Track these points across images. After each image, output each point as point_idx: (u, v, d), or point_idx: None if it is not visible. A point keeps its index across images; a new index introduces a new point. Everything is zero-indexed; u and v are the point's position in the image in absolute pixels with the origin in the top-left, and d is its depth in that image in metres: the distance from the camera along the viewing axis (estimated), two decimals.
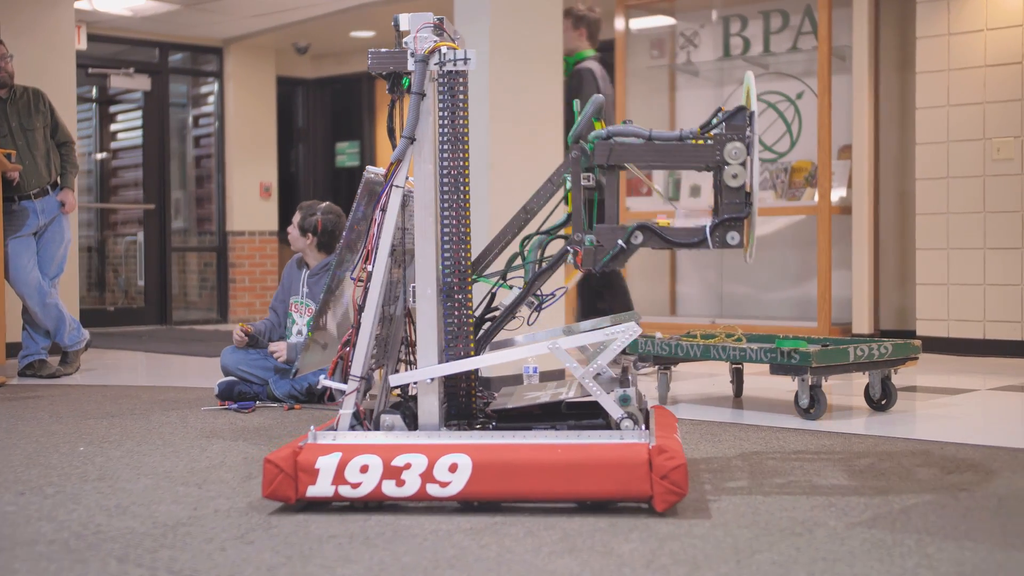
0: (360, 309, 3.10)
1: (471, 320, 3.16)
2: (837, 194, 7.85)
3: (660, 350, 5.00)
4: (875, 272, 7.98)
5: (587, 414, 3.23)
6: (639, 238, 3.14)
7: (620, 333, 3.09)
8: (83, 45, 9.83)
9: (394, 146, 3.14)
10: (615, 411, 3.00)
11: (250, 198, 11.12)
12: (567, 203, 3.29)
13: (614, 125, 3.21)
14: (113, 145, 11.19)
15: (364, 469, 2.88)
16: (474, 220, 4.86)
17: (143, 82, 10.64)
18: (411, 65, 3.09)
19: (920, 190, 7.45)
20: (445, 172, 3.12)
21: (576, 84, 6.36)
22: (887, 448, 3.82)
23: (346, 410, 3.06)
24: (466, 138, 3.13)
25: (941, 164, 7.34)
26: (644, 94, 9.03)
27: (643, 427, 2.99)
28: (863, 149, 7.70)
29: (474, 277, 3.24)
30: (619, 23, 8.66)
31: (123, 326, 10.53)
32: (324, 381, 3.12)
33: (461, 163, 3.12)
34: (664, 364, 5.07)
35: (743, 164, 3.05)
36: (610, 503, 2.89)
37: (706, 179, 8.43)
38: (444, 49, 3.10)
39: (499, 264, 3.37)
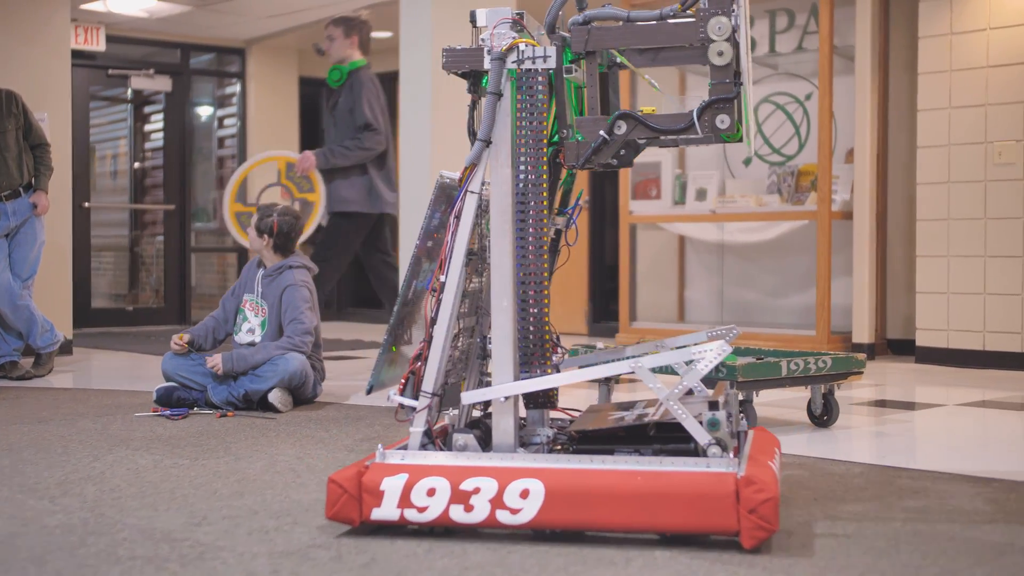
0: (432, 322, 2.97)
1: (547, 336, 3.00)
2: (841, 199, 7.62)
3: (592, 362, 4.85)
4: (880, 280, 7.75)
5: (677, 437, 2.96)
6: (622, 128, 2.93)
7: (708, 352, 2.89)
8: (102, 46, 9.94)
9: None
10: (702, 436, 2.76)
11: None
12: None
13: (595, 9, 3.00)
14: (147, 146, 11.29)
15: (431, 492, 2.73)
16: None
17: (164, 83, 10.71)
18: (488, 63, 2.96)
19: (921, 195, 7.20)
20: (522, 177, 2.97)
21: (357, 91, 6.15)
22: (793, 473, 3.66)
23: (416, 428, 2.92)
24: (544, 140, 2.97)
25: (943, 168, 7.09)
26: (653, 96, 8.86)
27: (732, 454, 2.74)
28: (865, 152, 7.47)
29: None
30: None
31: (142, 326, 10.62)
32: (394, 397, 2.98)
33: (540, 167, 2.96)
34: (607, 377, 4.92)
35: (728, 40, 2.82)
36: (696, 537, 2.68)
37: (712, 181, 8.25)
38: (522, 46, 2.95)
39: None
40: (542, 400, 3.11)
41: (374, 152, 6.18)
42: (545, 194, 2.98)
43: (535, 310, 2.98)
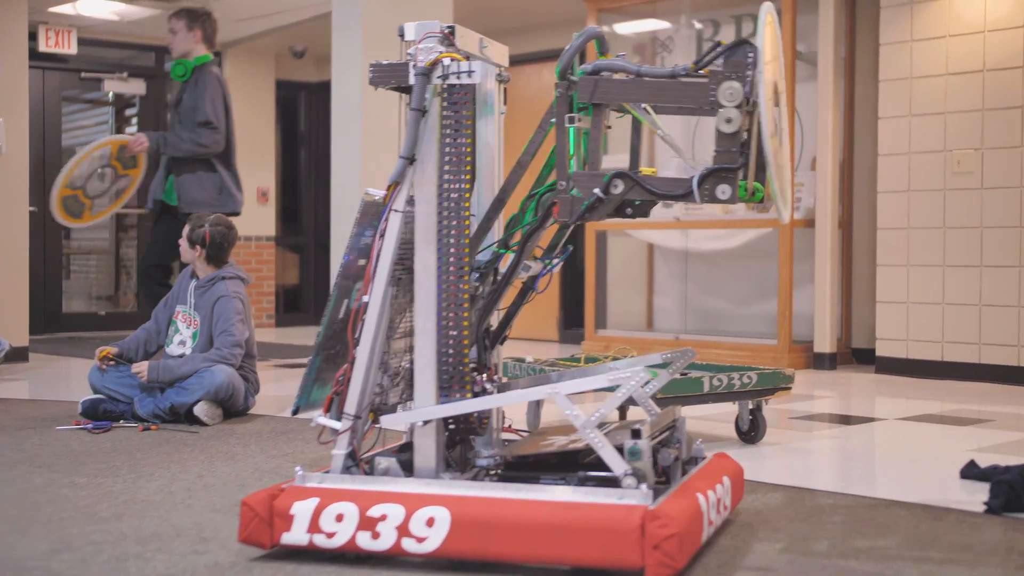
0: (356, 343, 2.92)
1: (467, 361, 2.90)
2: (806, 206, 7.54)
3: (527, 375, 4.79)
4: (846, 289, 7.67)
5: (606, 465, 2.82)
6: (619, 187, 2.79)
7: (626, 379, 2.81)
8: (73, 49, 9.90)
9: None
10: (617, 466, 2.66)
11: (247, 203, 11.05)
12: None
13: (605, 60, 2.91)
14: None
15: (339, 518, 2.69)
16: None
17: (138, 86, 10.67)
18: (412, 78, 2.90)
19: (881, 204, 7.12)
20: (445, 196, 2.89)
21: (201, 88, 5.98)
22: None
23: (338, 451, 2.87)
24: (469, 158, 2.89)
25: (903, 176, 7.01)
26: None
27: (646, 486, 2.61)
28: (827, 160, 7.38)
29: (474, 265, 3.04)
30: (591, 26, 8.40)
31: (115, 331, 10.59)
32: (318, 419, 2.93)
33: (463, 186, 2.88)
34: None
35: (739, 107, 2.68)
36: (605, 571, 2.58)
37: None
38: (447, 61, 2.88)
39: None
40: (463, 425, 3.04)
41: (208, 150, 5.97)
42: (467, 213, 2.90)
43: (455, 333, 2.89)
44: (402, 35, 2.97)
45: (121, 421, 4.93)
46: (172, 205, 6.17)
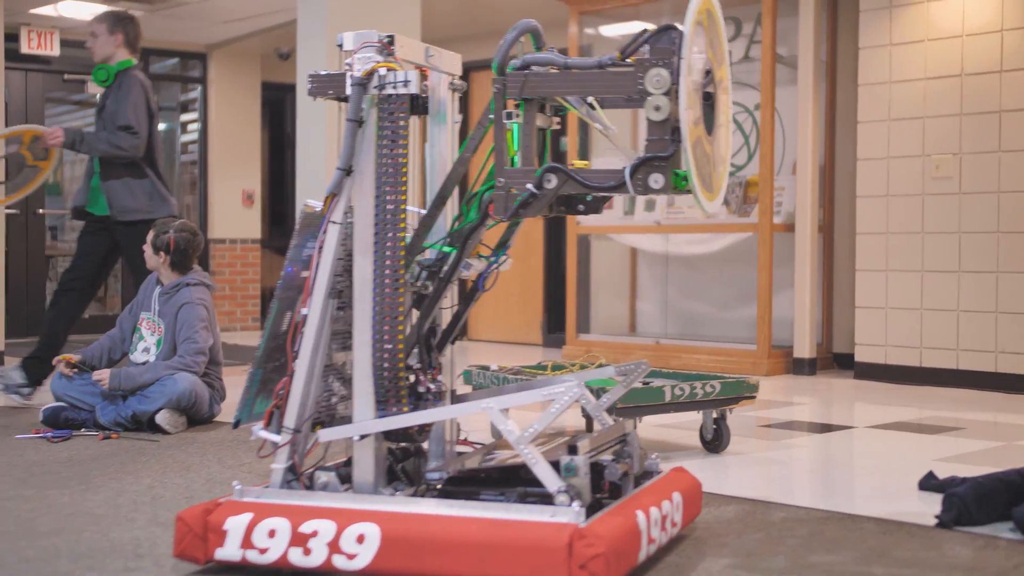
0: (295, 356, 2.89)
1: (403, 375, 2.87)
2: (787, 211, 7.49)
3: (491, 383, 4.75)
4: (827, 293, 7.62)
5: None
6: (552, 181, 2.75)
7: (560, 394, 2.76)
8: (56, 51, 9.86)
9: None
10: (551, 483, 2.61)
11: (232, 205, 11.05)
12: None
13: (534, 54, 2.87)
14: None
15: (272, 534, 2.67)
16: None
17: None
18: (349, 89, 2.87)
19: (861, 208, 7.07)
20: (381, 208, 2.86)
21: (124, 92, 5.85)
22: None
23: (277, 465, 2.85)
24: (405, 169, 2.85)
25: (882, 181, 6.96)
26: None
27: (579, 504, 2.56)
28: (807, 164, 7.33)
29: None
30: (572, 29, 8.35)
31: (96, 333, 10.54)
32: (258, 432, 2.90)
33: (399, 197, 2.85)
34: None
35: (667, 94, 2.63)
36: None
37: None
38: (383, 71, 2.85)
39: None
40: (403, 439, 3.00)
41: (125, 154, 5.84)
42: (403, 225, 2.87)
43: (390, 346, 2.85)
44: (340, 45, 2.95)
45: (82, 429, 4.89)
46: (99, 215, 5.97)
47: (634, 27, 8.52)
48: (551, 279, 9.53)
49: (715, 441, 4.48)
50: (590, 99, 3.01)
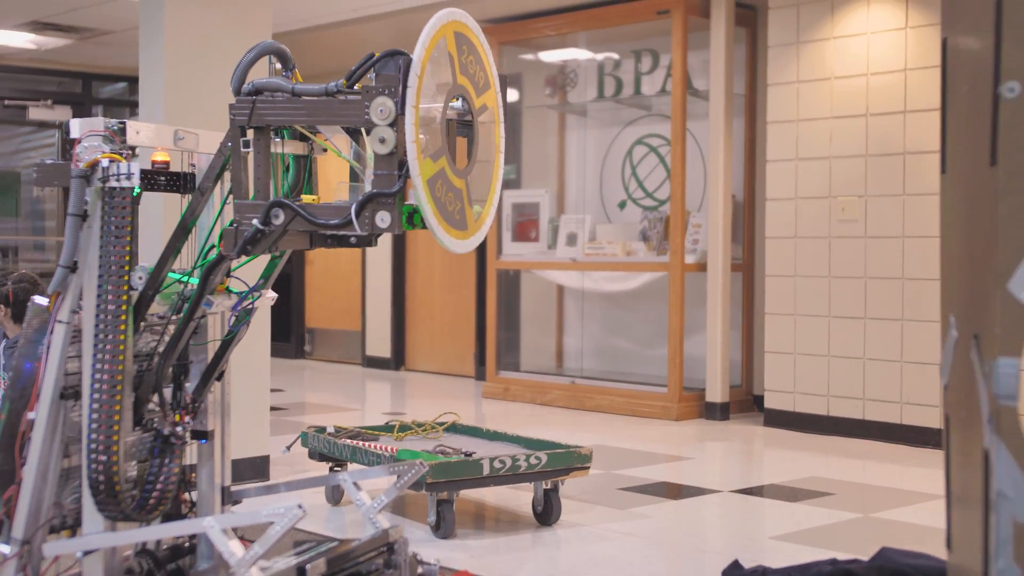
0: (23, 462, 2.73)
1: (119, 488, 2.66)
2: (702, 249, 7.29)
3: (324, 448, 4.57)
4: (746, 334, 7.41)
5: None
6: (279, 217, 2.54)
7: (280, 516, 2.59)
8: None
9: None
10: None
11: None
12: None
13: (265, 78, 2.66)
14: None
15: None
16: None
17: (64, 113, 10.52)
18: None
19: (770, 250, 6.86)
20: (102, 308, 2.65)
21: None
22: None
23: None
24: (127, 268, 2.66)
25: (790, 222, 6.74)
26: (531, 132, 8.60)
27: None
28: (718, 202, 7.13)
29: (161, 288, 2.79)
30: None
31: None
32: None
33: (120, 297, 2.65)
34: (335, 463, 4.61)
35: (393, 124, 2.44)
36: None
37: (583, 225, 7.94)
38: (105, 162, 2.66)
39: None
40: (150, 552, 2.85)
41: None
42: (123, 327, 2.66)
43: (104, 458, 2.62)
44: (67, 132, 2.78)
45: None
46: None
47: (553, 56, 8.34)
48: (483, 311, 9.35)
49: (545, 513, 4.29)
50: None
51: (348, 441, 4.49)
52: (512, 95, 8.63)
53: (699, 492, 4.95)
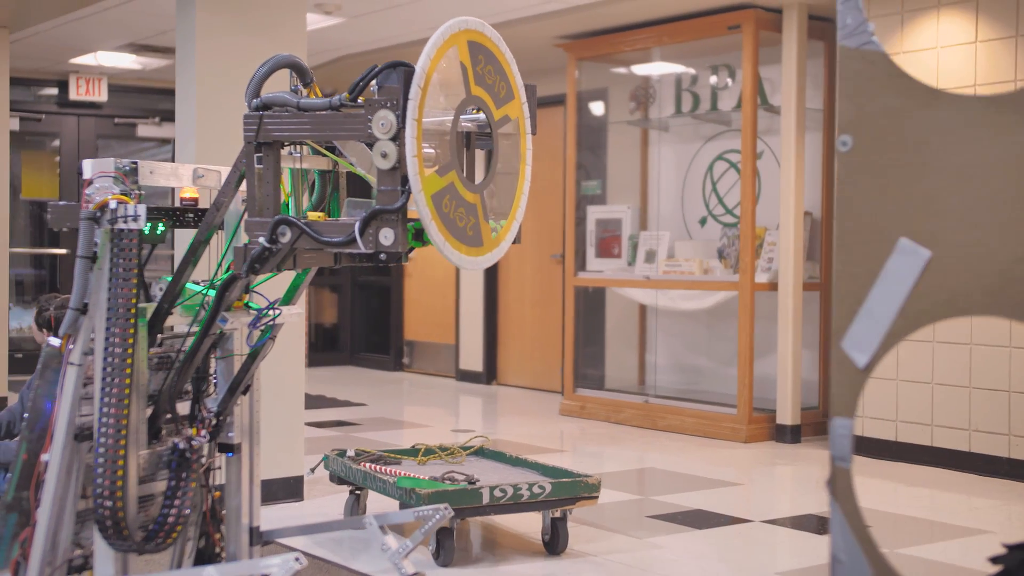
0: (37, 503, 2.79)
1: (127, 533, 2.70)
2: (776, 268, 7.13)
3: (343, 471, 4.63)
4: (825, 355, 7.23)
5: None
6: (287, 235, 2.55)
7: (275, 567, 2.65)
8: (103, 96, 10.17)
9: None
10: None
11: None
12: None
13: (273, 92, 2.66)
14: None
15: None
16: None
17: (171, 130, 10.86)
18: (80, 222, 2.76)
19: None
20: (109, 352, 2.67)
21: None
22: None
23: None
24: (134, 311, 2.68)
25: None
26: (616, 148, 8.54)
27: None
28: (790, 218, 6.97)
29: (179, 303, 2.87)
30: (572, 73, 8.12)
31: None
32: None
33: (127, 340, 2.66)
34: (355, 487, 4.65)
35: (395, 139, 2.40)
36: None
37: (663, 242, 7.86)
38: (113, 204, 2.69)
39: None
40: None
41: None
42: (129, 371, 2.68)
43: (109, 503, 2.65)
44: (80, 172, 2.82)
45: None
46: None
47: (641, 70, 8.27)
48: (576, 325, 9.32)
49: (552, 542, 4.26)
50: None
51: (363, 466, 4.54)
52: (597, 109, 8.60)
53: (727, 521, 4.84)
